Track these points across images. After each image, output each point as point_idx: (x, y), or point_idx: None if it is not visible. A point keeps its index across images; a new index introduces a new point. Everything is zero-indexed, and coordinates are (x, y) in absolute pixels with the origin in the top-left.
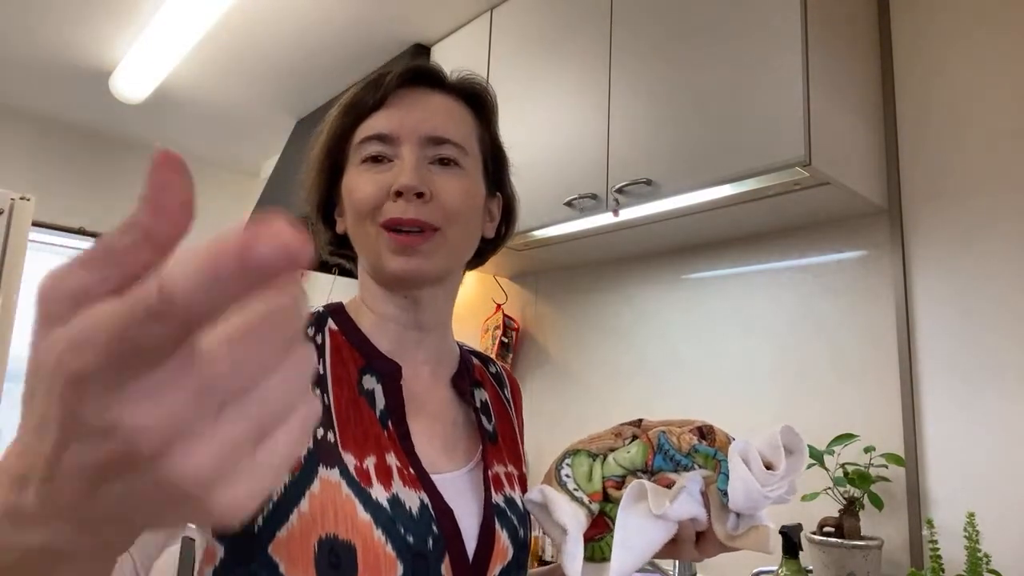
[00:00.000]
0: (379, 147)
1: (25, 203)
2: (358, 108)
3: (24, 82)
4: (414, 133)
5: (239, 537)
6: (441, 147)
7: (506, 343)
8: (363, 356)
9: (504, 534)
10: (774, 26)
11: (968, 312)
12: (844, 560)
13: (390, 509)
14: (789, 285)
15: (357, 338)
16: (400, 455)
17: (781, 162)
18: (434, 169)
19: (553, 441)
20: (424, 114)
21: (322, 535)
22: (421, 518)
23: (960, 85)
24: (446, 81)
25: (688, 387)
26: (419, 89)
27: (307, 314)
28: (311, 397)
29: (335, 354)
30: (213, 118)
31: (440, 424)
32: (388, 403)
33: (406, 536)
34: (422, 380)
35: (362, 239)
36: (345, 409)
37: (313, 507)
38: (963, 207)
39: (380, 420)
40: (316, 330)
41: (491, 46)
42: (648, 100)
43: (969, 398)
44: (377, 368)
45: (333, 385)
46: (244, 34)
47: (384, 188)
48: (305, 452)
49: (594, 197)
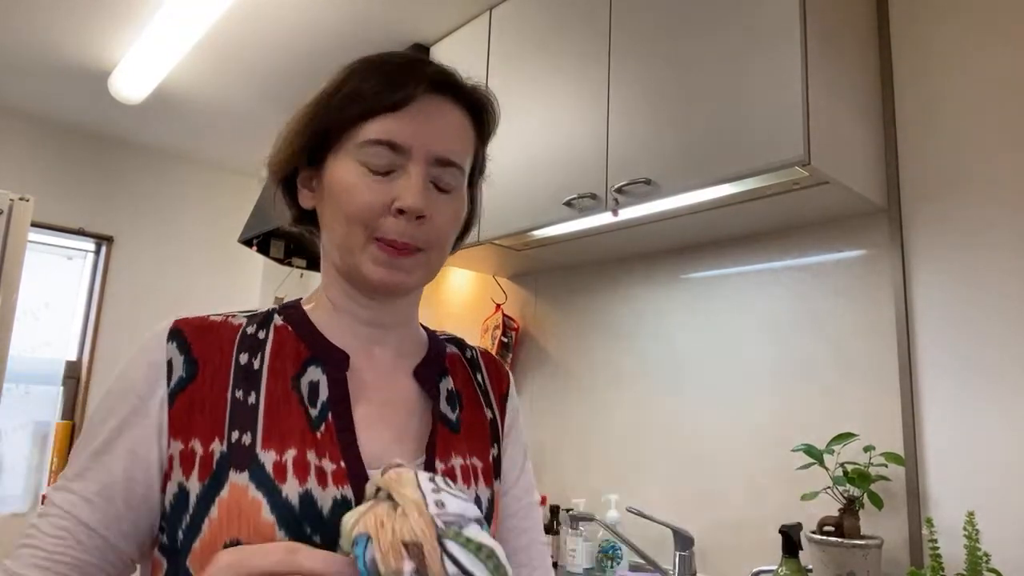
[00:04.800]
0: (387, 154)
1: (24, 203)
2: (370, 102)
3: (23, 82)
4: (426, 150)
5: (171, 553)
6: (446, 169)
7: (506, 343)
8: (309, 348)
9: None
10: (773, 26)
11: (967, 311)
12: (844, 559)
13: (299, 508)
14: (789, 285)
15: (306, 331)
16: (333, 448)
17: (781, 162)
18: (433, 189)
19: (553, 440)
20: (439, 132)
21: (227, 540)
22: (332, 517)
23: (959, 84)
24: (465, 92)
25: (688, 387)
26: (438, 98)
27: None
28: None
29: (276, 349)
30: (212, 118)
31: (394, 415)
32: (332, 393)
33: (312, 536)
34: (379, 370)
35: (345, 240)
36: (275, 404)
37: (221, 513)
38: (963, 206)
39: (319, 413)
40: (260, 327)
41: (490, 46)
42: (647, 99)
43: (969, 397)
44: (322, 358)
45: (268, 380)
46: (243, 34)
47: (386, 201)
48: (218, 455)
49: (593, 197)
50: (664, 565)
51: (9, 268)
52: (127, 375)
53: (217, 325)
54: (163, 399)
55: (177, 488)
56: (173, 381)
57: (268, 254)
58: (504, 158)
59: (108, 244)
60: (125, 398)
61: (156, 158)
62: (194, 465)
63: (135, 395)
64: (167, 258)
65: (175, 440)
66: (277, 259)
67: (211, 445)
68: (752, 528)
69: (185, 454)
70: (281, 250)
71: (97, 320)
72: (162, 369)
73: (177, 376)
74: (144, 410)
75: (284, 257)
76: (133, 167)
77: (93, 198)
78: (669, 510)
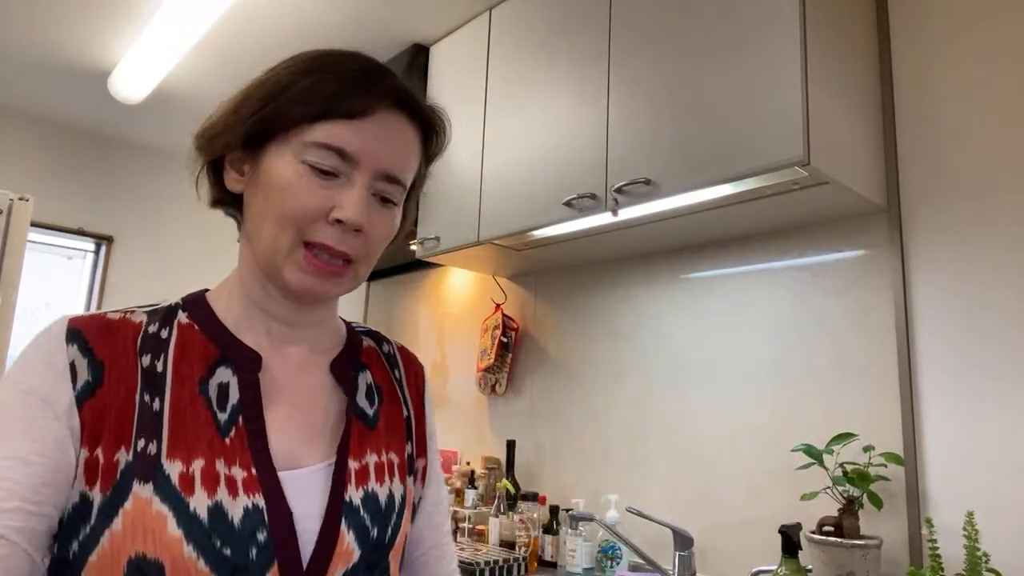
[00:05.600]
0: (334, 160)
1: (24, 203)
2: (328, 105)
3: (23, 82)
4: (374, 164)
5: (59, 565)
6: (390, 185)
7: (505, 343)
8: (218, 347)
9: (351, 534)
10: (773, 26)
11: (967, 311)
12: (843, 559)
13: (207, 521)
14: (788, 285)
15: (214, 329)
16: (244, 454)
17: (780, 162)
18: (373, 202)
19: (553, 441)
20: (391, 148)
21: (131, 555)
22: (243, 527)
23: (959, 84)
24: (422, 112)
25: (687, 386)
26: (396, 113)
27: None
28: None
29: (180, 350)
30: None
31: (307, 414)
32: (243, 397)
33: (223, 549)
34: (292, 368)
35: (273, 239)
36: (181, 410)
37: (125, 526)
38: (962, 206)
39: (229, 417)
40: (162, 325)
41: (490, 46)
42: (647, 100)
43: (968, 397)
44: (233, 359)
45: (173, 385)
46: (243, 34)
47: (324, 207)
48: (123, 465)
49: (593, 197)
50: (664, 565)
51: (9, 268)
52: (24, 376)
53: (116, 323)
54: (71, 402)
55: (79, 498)
56: (79, 385)
57: None
58: (504, 158)
59: (108, 244)
60: (25, 399)
61: (156, 158)
62: (97, 475)
63: (37, 396)
64: (167, 258)
65: (84, 447)
66: None
67: (116, 453)
68: (752, 528)
69: (90, 462)
70: None
71: None
72: (65, 372)
73: (83, 380)
74: (50, 411)
75: None
76: (133, 167)
77: (93, 198)
78: (669, 510)
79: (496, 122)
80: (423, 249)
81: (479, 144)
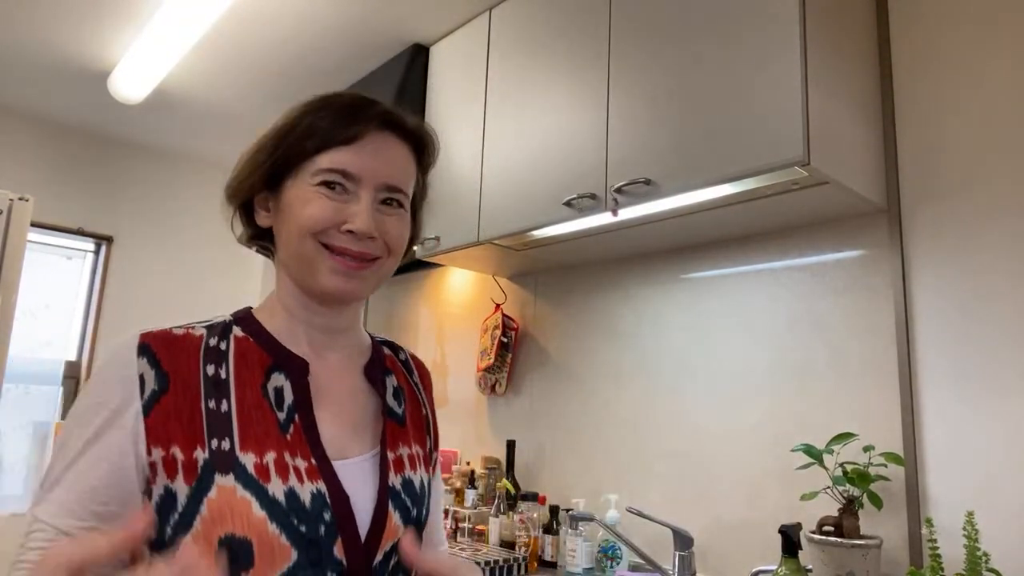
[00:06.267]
0: (340, 181)
1: (24, 203)
2: (324, 137)
3: (23, 82)
4: (374, 179)
5: (158, 545)
6: (392, 193)
7: (505, 343)
8: (271, 356)
9: (397, 514)
10: (773, 26)
11: (967, 311)
12: (843, 559)
13: (285, 503)
14: (788, 285)
15: (265, 340)
16: (303, 447)
17: (780, 162)
18: (382, 208)
19: (553, 441)
20: (385, 164)
21: (221, 535)
22: (313, 509)
23: (959, 84)
24: (408, 130)
25: (687, 386)
26: (385, 134)
27: None
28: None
29: (239, 359)
30: (211, 118)
31: (349, 411)
32: (296, 398)
33: (299, 526)
34: (333, 373)
35: (298, 251)
36: (248, 412)
37: (212, 511)
38: (962, 206)
39: (287, 415)
40: (220, 338)
41: (490, 46)
42: (647, 99)
43: (968, 397)
44: (285, 366)
45: (236, 389)
46: (243, 34)
47: (338, 218)
48: (202, 462)
49: (593, 197)
50: (664, 565)
51: (9, 268)
52: (98, 390)
53: (181, 338)
54: (138, 411)
55: (163, 490)
56: (147, 394)
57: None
58: (504, 158)
59: (108, 244)
60: (97, 412)
61: (156, 158)
62: (178, 470)
63: (107, 409)
64: (167, 258)
65: (155, 448)
66: None
67: (194, 452)
68: (752, 528)
69: (167, 460)
70: None
71: (97, 320)
72: (135, 383)
73: (150, 389)
74: (118, 422)
75: None
76: (133, 167)
77: (93, 198)
78: (669, 510)
79: (496, 122)
80: (423, 249)
81: (479, 144)
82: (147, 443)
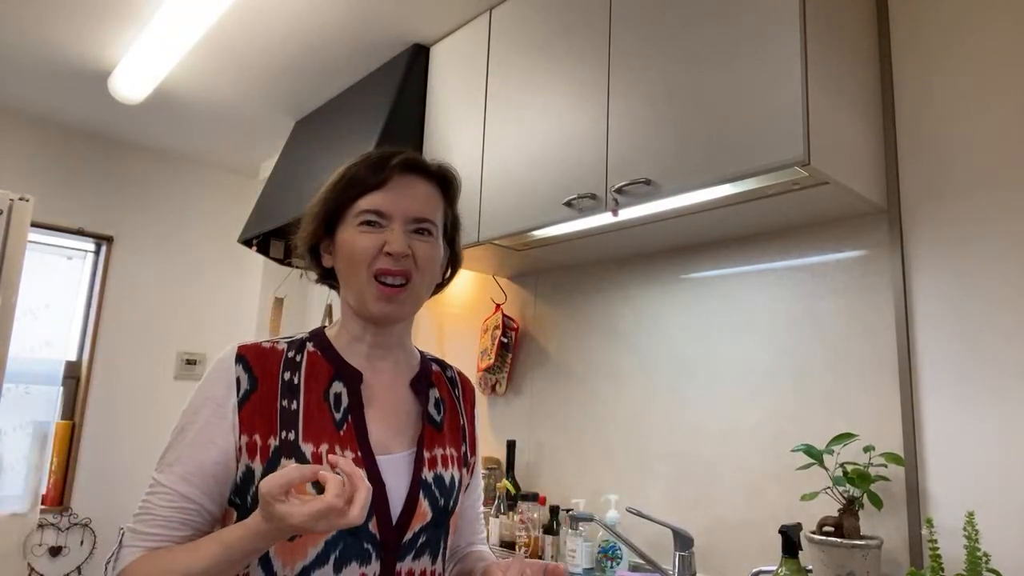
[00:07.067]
0: (376, 219)
1: (24, 203)
2: (361, 185)
3: (23, 82)
4: (404, 214)
5: (241, 509)
6: (421, 223)
7: (505, 343)
8: (333, 367)
9: (426, 502)
10: (773, 26)
11: (967, 311)
12: (843, 560)
13: None
14: (789, 285)
15: (331, 354)
16: (352, 442)
17: (780, 162)
18: (414, 236)
19: (553, 440)
20: (412, 200)
21: None
22: None
23: (959, 84)
24: (430, 171)
25: (687, 386)
26: (409, 176)
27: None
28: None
29: (309, 369)
30: (212, 118)
31: (395, 416)
32: (351, 402)
33: None
34: (384, 383)
35: (353, 282)
36: (311, 411)
37: None
38: (962, 206)
39: (342, 416)
40: (297, 351)
41: (490, 46)
42: (647, 100)
43: (968, 397)
44: (344, 376)
45: (304, 393)
46: (243, 34)
47: (378, 246)
48: (272, 448)
49: (593, 197)
50: (664, 565)
51: (9, 268)
52: (207, 388)
53: (268, 350)
54: (234, 405)
55: (245, 468)
56: (241, 393)
57: (268, 254)
58: (504, 158)
59: (108, 244)
60: (207, 404)
61: (156, 158)
62: (256, 453)
63: (214, 403)
64: (167, 258)
65: (243, 434)
66: (277, 259)
67: (268, 440)
68: (752, 528)
69: (251, 444)
70: (281, 250)
71: (97, 320)
72: (233, 384)
73: (244, 389)
74: (222, 413)
75: (284, 257)
76: (133, 167)
77: (93, 198)
78: (669, 510)
79: (496, 122)
80: None
81: (479, 144)
82: (239, 430)
